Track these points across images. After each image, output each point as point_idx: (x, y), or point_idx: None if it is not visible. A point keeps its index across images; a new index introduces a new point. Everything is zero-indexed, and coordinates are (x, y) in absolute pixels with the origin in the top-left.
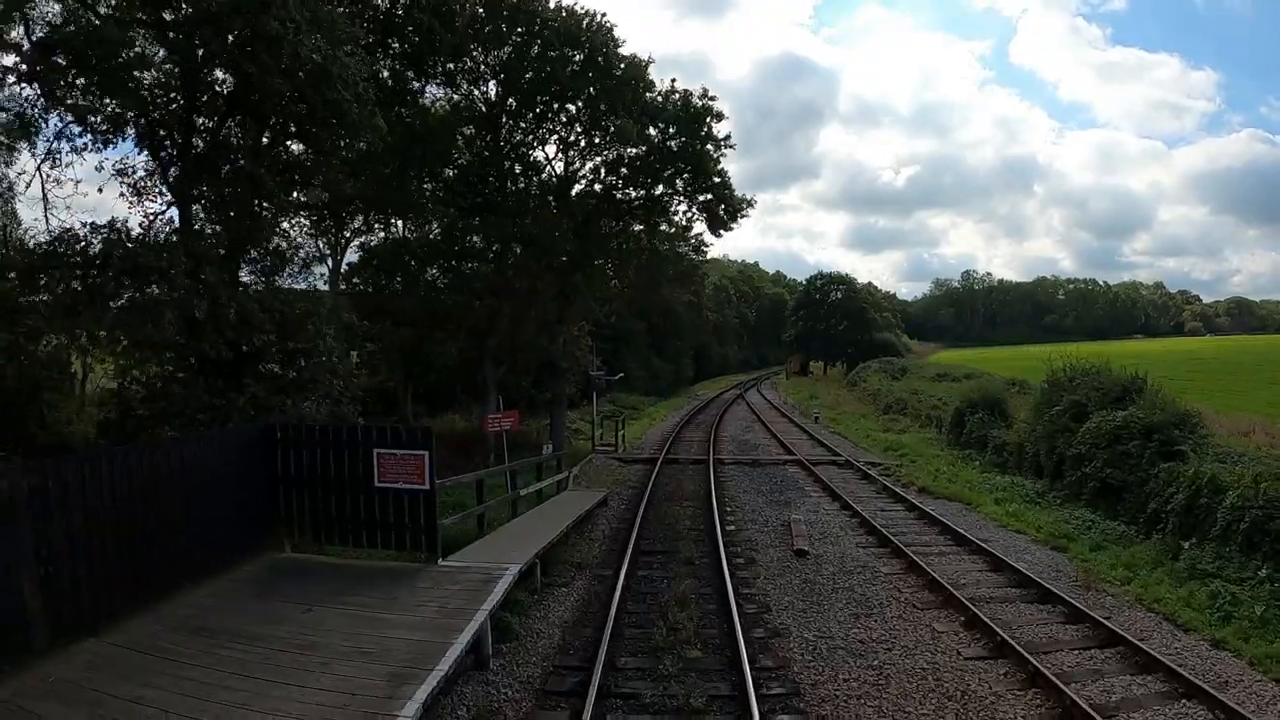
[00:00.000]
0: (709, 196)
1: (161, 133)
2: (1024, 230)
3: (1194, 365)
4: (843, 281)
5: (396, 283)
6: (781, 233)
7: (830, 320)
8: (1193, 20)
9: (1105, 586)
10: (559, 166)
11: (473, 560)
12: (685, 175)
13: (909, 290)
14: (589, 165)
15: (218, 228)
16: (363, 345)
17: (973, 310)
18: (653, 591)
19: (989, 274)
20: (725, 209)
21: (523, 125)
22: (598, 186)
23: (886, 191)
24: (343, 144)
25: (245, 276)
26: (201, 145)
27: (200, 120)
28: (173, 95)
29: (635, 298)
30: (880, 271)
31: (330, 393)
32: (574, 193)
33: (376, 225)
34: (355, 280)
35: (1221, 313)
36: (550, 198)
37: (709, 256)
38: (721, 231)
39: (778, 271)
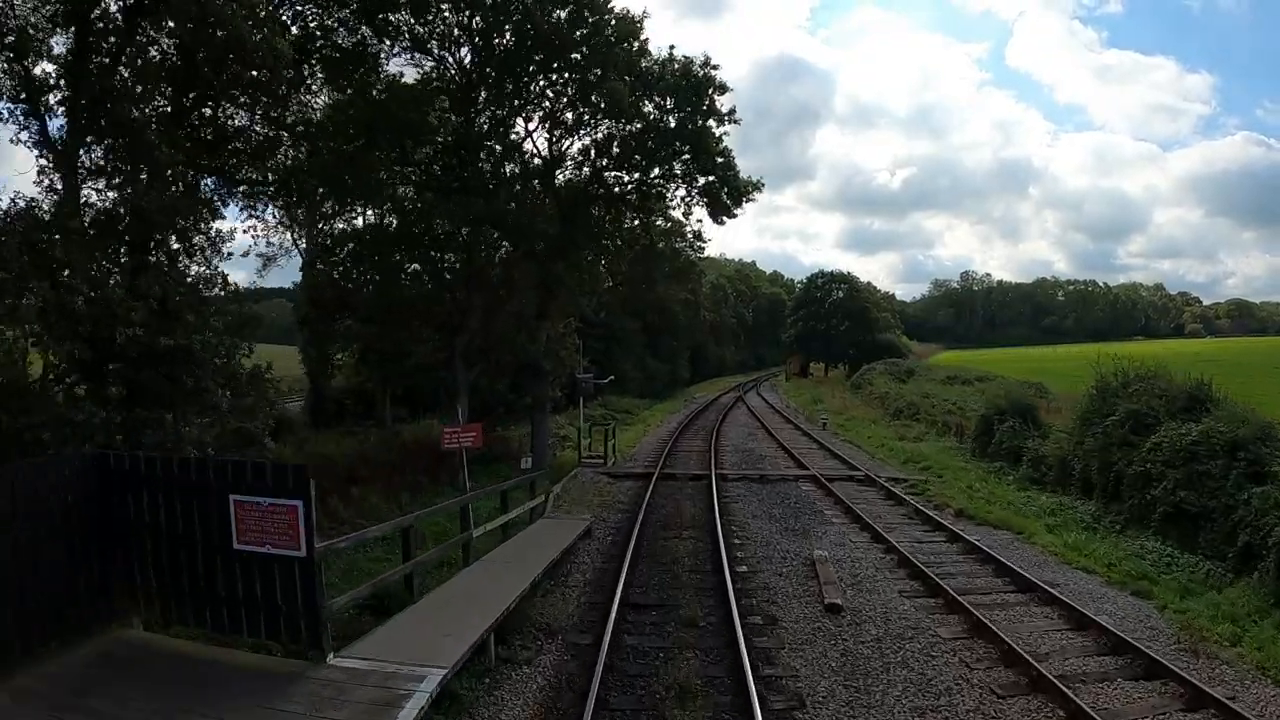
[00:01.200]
0: (711, 179)
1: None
2: (1019, 232)
3: (1204, 367)
4: (844, 280)
5: (358, 274)
6: (777, 234)
7: (831, 320)
8: (1188, 23)
9: (1214, 649)
10: (542, 144)
11: (380, 655)
12: (684, 157)
13: (904, 292)
14: (577, 145)
15: (111, 200)
16: (328, 345)
17: (972, 311)
18: (645, 673)
19: (988, 274)
20: (729, 193)
21: (502, 96)
22: (586, 169)
23: (882, 193)
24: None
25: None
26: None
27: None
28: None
29: (629, 294)
30: (875, 273)
31: (216, 404)
32: (560, 177)
33: (346, 211)
34: (319, 269)
35: (1222, 314)
36: (534, 182)
37: (706, 254)
38: (724, 219)
39: (775, 271)
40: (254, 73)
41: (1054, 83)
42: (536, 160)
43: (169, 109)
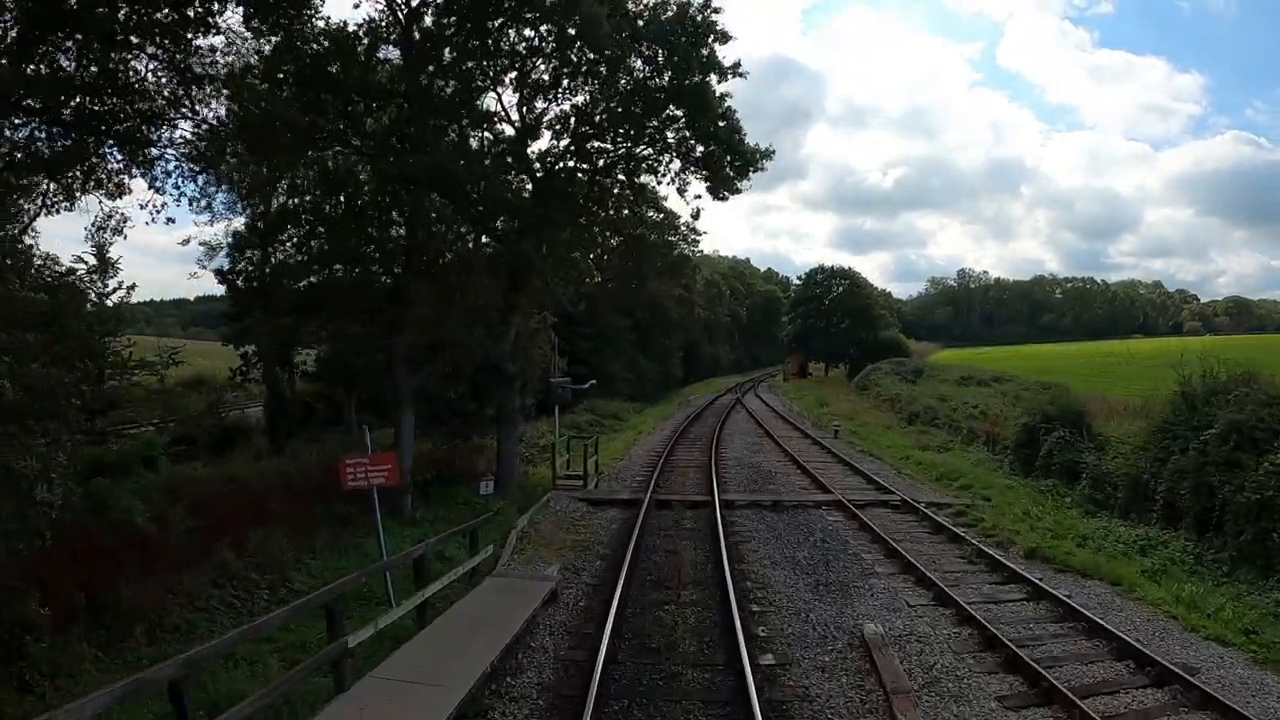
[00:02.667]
0: (711, 147)
1: None
2: (1011, 231)
3: (1228, 364)
4: (845, 276)
5: (277, 260)
6: (769, 233)
7: (832, 318)
8: (1179, 24)
9: None
10: (514, 111)
11: None
12: (679, 123)
13: (897, 291)
14: (554, 110)
15: None
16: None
17: (969, 309)
18: None
19: (985, 272)
20: (734, 162)
21: (466, 53)
22: (566, 140)
23: (874, 193)
24: None
25: None
26: None
27: None
28: None
29: (619, 290)
30: (868, 272)
31: None
32: (536, 148)
33: (275, 184)
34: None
35: (1220, 312)
36: (505, 155)
37: (700, 249)
38: (725, 195)
39: (769, 269)
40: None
41: (1045, 83)
42: (507, 129)
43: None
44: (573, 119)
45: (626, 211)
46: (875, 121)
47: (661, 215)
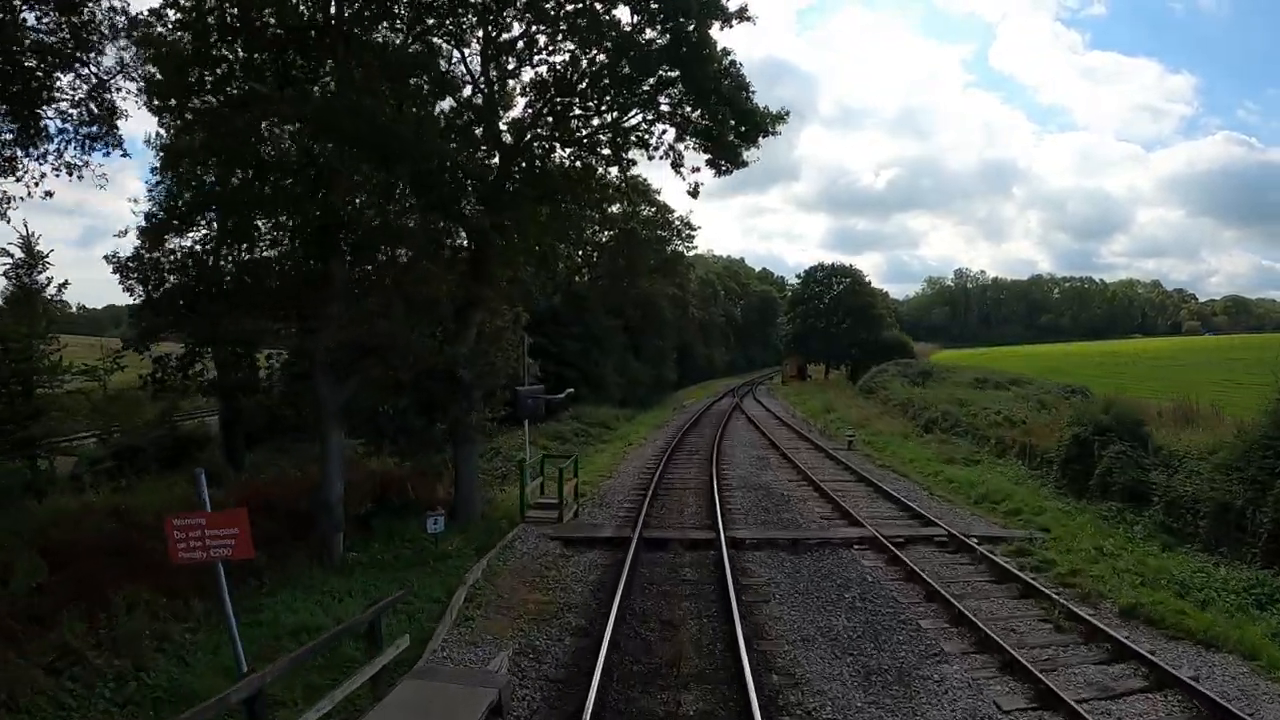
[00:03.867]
0: (714, 102)
1: None
2: (1003, 232)
3: (1236, 364)
4: (846, 274)
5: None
6: (762, 234)
7: (832, 317)
8: (1171, 25)
9: None
10: (475, 65)
11: None
12: (675, 86)
13: (890, 292)
14: (529, 74)
15: None
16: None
17: (967, 309)
18: None
19: (982, 271)
20: (738, 127)
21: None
22: (541, 107)
23: (866, 194)
24: None
25: None
26: None
27: None
28: None
29: (609, 288)
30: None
31: None
32: (507, 119)
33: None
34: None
35: (1219, 311)
36: (475, 128)
37: (694, 245)
38: (728, 167)
39: (764, 269)
40: None
41: (1038, 84)
42: (473, 94)
43: None
44: (550, 86)
45: (615, 199)
46: (868, 123)
47: (654, 209)
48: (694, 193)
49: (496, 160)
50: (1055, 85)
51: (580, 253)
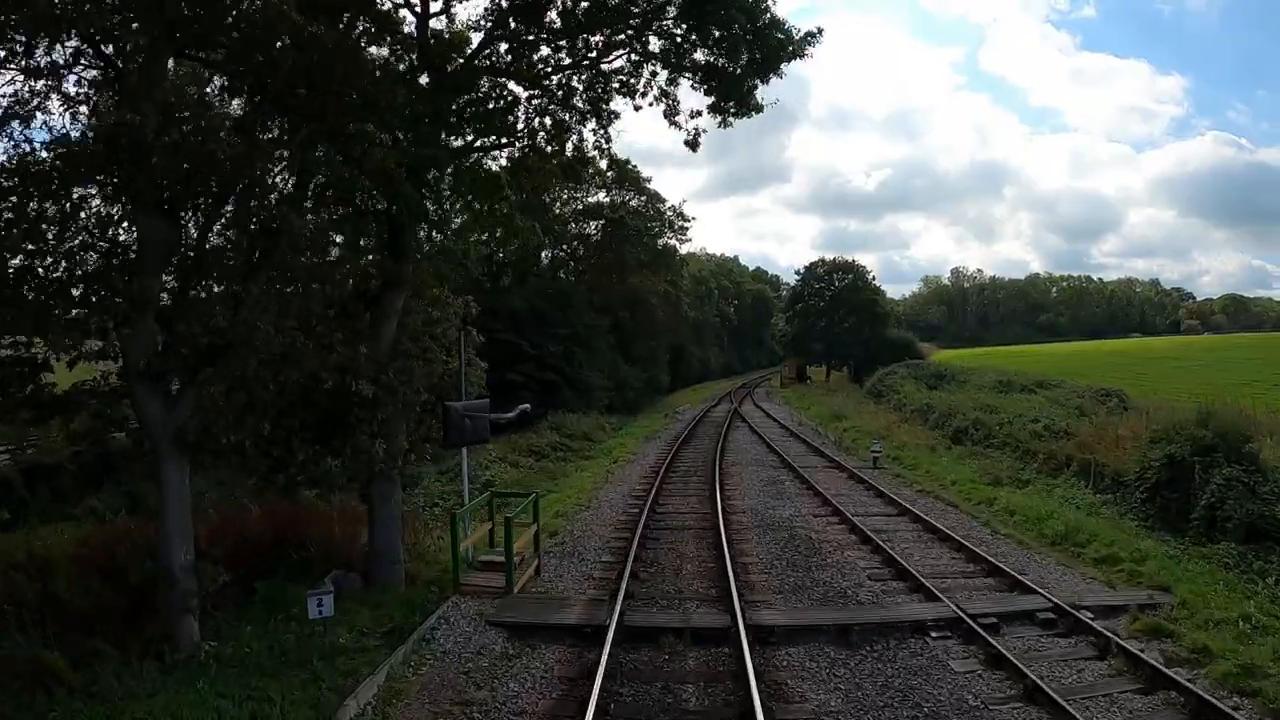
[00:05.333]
0: (723, 20)
1: None
2: (994, 233)
3: (1250, 364)
4: (848, 269)
5: None
6: (754, 236)
7: (834, 315)
8: (1161, 26)
9: None
10: None
11: None
12: (669, 18)
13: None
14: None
15: None
16: None
17: (965, 309)
18: None
19: (980, 270)
20: (757, 50)
21: None
22: (494, 31)
23: (857, 195)
24: None
25: None
26: None
27: None
28: None
29: (595, 282)
30: None
31: None
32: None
33: None
34: None
35: (1217, 310)
36: (417, 75)
37: (688, 237)
38: (735, 110)
39: (759, 268)
40: None
41: (1029, 86)
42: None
43: None
44: (511, 17)
45: (589, 168)
46: (859, 124)
47: (644, 199)
48: (693, 143)
49: (425, 80)
50: (1046, 87)
51: (564, 247)
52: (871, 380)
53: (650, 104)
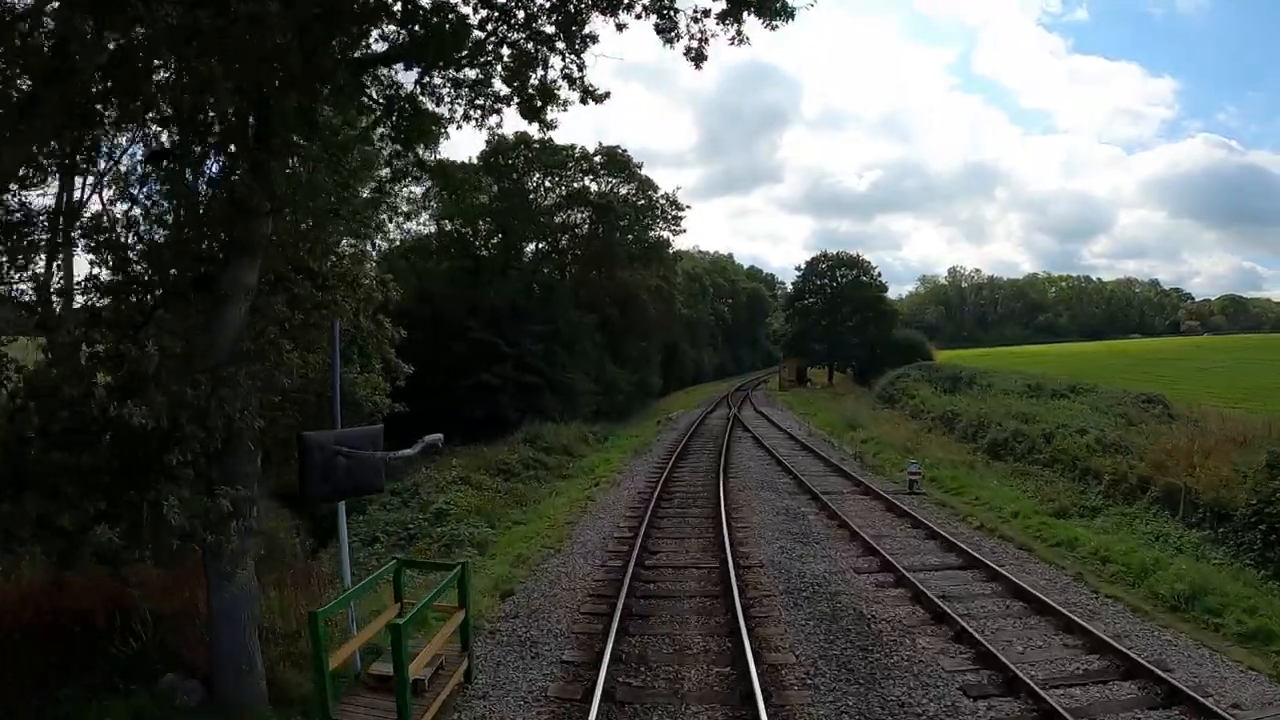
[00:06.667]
0: None
1: None
2: (985, 234)
3: (1270, 366)
4: (851, 264)
5: None
6: (747, 236)
7: (837, 314)
8: (1152, 29)
9: None
10: None
11: None
12: None
13: None
14: None
15: None
16: None
17: (962, 309)
18: None
19: (978, 270)
20: None
21: None
22: None
23: (849, 195)
24: None
25: None
26: None
27: None
28: None
29: (580, 276)
30: None
31: None
32: None
33: None
34: None
35: (1216, 310)
36: None
37: (682, 229)
38: (755, 7)
39: (753, 267)
40: None
41: (1021, 88)
42: None
43: None
44: None
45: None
46: (851, 125)
47: (634, 185)
48: (698, 55)
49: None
50: (1038, 89)
51: (547, 238)
52: (882, 383)
53: (638, 16)
